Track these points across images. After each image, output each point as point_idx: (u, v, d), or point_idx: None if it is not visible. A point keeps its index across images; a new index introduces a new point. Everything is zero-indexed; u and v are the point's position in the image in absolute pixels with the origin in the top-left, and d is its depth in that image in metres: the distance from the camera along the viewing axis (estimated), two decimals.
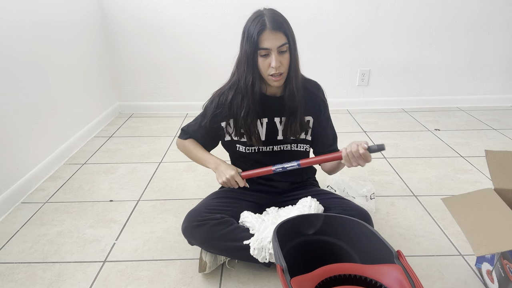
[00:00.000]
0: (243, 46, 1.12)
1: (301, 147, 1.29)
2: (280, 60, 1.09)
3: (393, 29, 2.71)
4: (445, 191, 1.71)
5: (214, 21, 2.66)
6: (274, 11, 1.13)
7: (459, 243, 1.35)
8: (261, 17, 1.09)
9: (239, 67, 1.16)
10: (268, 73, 1.11)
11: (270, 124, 1.24)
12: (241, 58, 1.14)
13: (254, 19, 1.09)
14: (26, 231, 1.47)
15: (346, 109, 2.90)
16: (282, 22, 1.10)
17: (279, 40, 1.08)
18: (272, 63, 1.08)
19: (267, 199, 1.33)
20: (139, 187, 1.79)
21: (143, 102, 2.92)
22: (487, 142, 2.24)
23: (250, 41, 1.08)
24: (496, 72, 2.86)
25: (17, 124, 1.72)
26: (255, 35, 1.07)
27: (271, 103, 1.22)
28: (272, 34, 1.07)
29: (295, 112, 1.21)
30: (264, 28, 1.07)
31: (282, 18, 1.12)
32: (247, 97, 1.16)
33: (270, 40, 1.07)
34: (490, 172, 1.12)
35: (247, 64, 1.12)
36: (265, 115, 1.23)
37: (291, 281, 0.84)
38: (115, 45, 2.73)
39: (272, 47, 1.07)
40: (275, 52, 1.08)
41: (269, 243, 1.11)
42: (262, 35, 1.07)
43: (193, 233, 1.16)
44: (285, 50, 1.10)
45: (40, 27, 1.93)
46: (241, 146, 1.28)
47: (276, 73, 1.10)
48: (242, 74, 1.14)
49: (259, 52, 1.09)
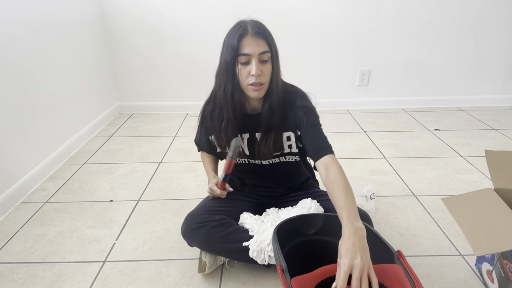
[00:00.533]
0: (222, 56, 1.07)
1: (290, 158, 1.23)
2: (261, 68, 1.03)
3: (393, 29, 2.71)
4: (445, 191, 1.71)
5: (213, 21, 2.66)
6: (258, 21, 1.08)
7: (459, 243, 1.35)
8: (243, 23, 1.04)
9: (218, 78, 1.11)
10: (247, 82, 1.05)
11: (251, 140, 1.20)
12: (221, 69, 1.08)
13: (235, 27, 1.05)
14: (26, 231, 1.47)
15: (346, 109, 2.90)
16: (265, 29, 1.05)
17: (260, 47, 1.02)
18: (252, 70, 1.02)
19: (267, 200, 1.32)
20: (139, 187, 1.79)
21: (143, 102, 2.92)
22: (487, 142, 2.24)
23: (231, 48, 1.03)
24: (496, 72, 2.86)
25: (17, 124, 1.72)
26: (235, 41, 1.01)
27: (251, 120, 1.16)
28: (253, 40, 1.02)
29: (271, 129, 1.14)
30: (246, 33, 1.02)
31: (265, 27, 1.06)
32: (226, 108, 1.11)
33: (251, 45, 1.01)
34: (490, 172, 1.12)
35: (226, 73, 1.06)
36: (245, 130, 1.19)
37: (291, 281, 0.84)
38: (115, 45, 2.73)
39: (253, 53, 1.02)
40: (255, 59, 1.02)
41: (268, 245, 1.10)
42: (243, 40, 1.01)
43: (193, 235, 1.16)
44: (267, 59, 1.04)
45: (40, 28, 1.93)
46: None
47: (256, 82, 1.03)
48: (221, 84, 1.09)
49: (239, 58, 1.02)
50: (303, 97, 1.16)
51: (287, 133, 1.17)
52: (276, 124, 1.14)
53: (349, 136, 2.37)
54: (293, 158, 1.24)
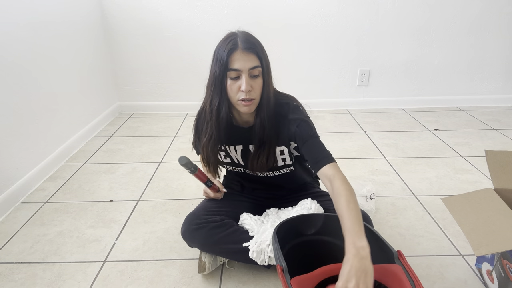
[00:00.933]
0: (212, 68, 1.04)
1: (285, 170, 1.21)
2: (251, 84, 1.00)
3: (393, 29, 2.71)
4: (445, 191, 1.71)
5: (213, 21, 2.66)
6: (248, 33, 1.04)
7: (459, 243, 1.35)
8: (233, 37, 1.01)
9: (207, 90, 1.08)
10: (237, 98, 1.02)
11: (244, 151, 1.18)
12: (209, 81, 1.06)
13: (225, 40, 1.01)
14: (26, 231, 1.47)
15: (346, 109, 2.90)
16: (256, 43, 1.01)
17: (251, 62, 0.99)
18: (242, 86, 0.99)
19: (267, 200, 1.32)
20: (139, 187, 1.79)
21: (143, 102, 2.92)
22: (487, 142, 2.24)
23: (220, 62, 0.99)
24: (496, 72, 2.86)
25: (17, 124, 1.72)
26: (225, 55, 0.98)
27: (245, 132, 1.13)
28: (243, 55, 0.98)
29: (264, 144, 1.11)
30: (236, 48, 0.98)
31: (256, 40, 1.03)
32: (211, 122, 1.08)
33: (241, 60, 0.98)
34: (490, 172, 1.12)
35: (214, 86, 1.03)
36: (237, 142, 1.17)
37: (291, 281, 0.84)
38: (115, 45, 2.73)
39: (243, 69, 0.98)
40: (246, 74, 0.99)
41: (268, 246, 1.10)
42: (232, 55, 0.98)
43: (193, 236, 1.16)
44: (258, 74, 1.01)
45: (40, 27, 1.93)
46: (228, 166, 1.26)
47: (247, 98, 1.00)
48: (208, 98, 1.07)
49: (229, 73, 1.00)
50: (295, 109, 1.12)
51: (280, 147, 1.14)
52: (268, 139, 1.10)
53: (349, 136, 2.37)
54: (288, 170, 1.22)
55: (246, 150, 1.17)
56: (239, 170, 1.26)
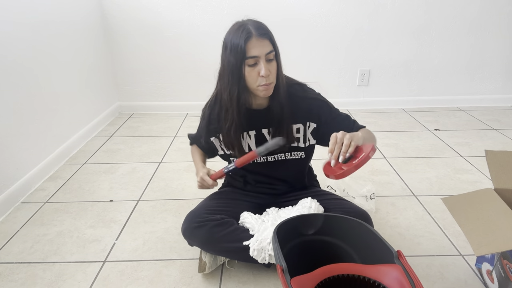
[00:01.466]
0: (225, 57, 1.07)
1: (296, 155, 1.25)
2: (268, 68, 1.05)
3: (393, 29, 2.71)
4: (445, 191, 1.71)
5: (213, 21, 2.66)
6: (257, 20, 1.09)
7: (459, 243, 1.35)
8: (245, 26, 1.04)
9: (222, 80, 1.11)
10: (257, 84, 1.06)
11: (258, 136, 1.21)
12: (224, 70, 1.09)
13: (237, 29, 1.04)
14: (26, 231, 1.47)
15: (346, 109, 2.90)
16: (267, 29, 1.07)
17: (266, 47, 1.04)
18: (261, 71, 1.03)
19: (267, 199, 1.32)
20: (139, 187, 1.79)
21: (143, 102, 2.92)
22: (487, 142, 2.24)
23: (235, 51, 1.03)
24: (496, 72, 2.86)
25: (17, 124, 1.72)
26: (242, 44, 1.01)
27: (258, 116, 1.17)
28: (259, 41, 1.03)
29: (281, 123, 1.16)
30: (251, 36, 1.02)
31: (265, 26, 1.08)
32: (231, 110, 1.11)
33: (257, 47, 1.02)
34: (490, 172, 1.12)
35: (231, 76, 1.06)
36: (252, 127, 1.20)
37: (291, 281, 0.84)
38: (115, 45, 2.73)
39: (261, 55, 1.03)
40: (263, 60, 1.03)
41: (269, 244, 1.10)
42: (249, 43, 1.02)
43: (193, 234, 1.16)
44: (272, 58, 1.06)
45: (40, 27, 1.93)
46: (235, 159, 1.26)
47: (266, 82, 1.05)
48: (226, 87, 1.09)
49: (247, 61, 1.03)
50: (309, 89, 1.22)
51: (297, 125, 1.20)
52: (286, 117, 1.16)
53: None
54: (298, 155, 1.25)
55: (259, 135, 1.21)
56: None
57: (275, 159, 1.25)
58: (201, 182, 1.22)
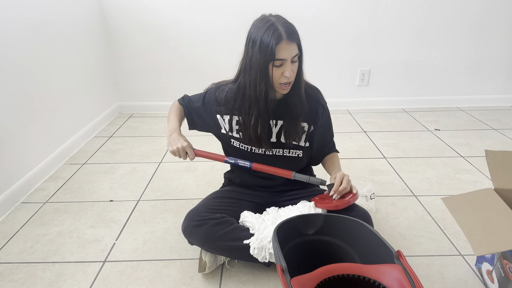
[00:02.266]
0: (253, 54, 1.09)
1: (293, 153, 1.27)
2: (292, 69, 1.10)
3: (393, 29, 2.71)
4: (445, 191, 1.71)
5: (213, 21, 2.66)
6: (284, 19, 1.13)
7: (459, 243, 1.35)
8: (275, 26, 1.07)
9: (247, 73, 1.13)
10: (279, 82, 1.11)
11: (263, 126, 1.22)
12: (251, 65, 1.10)
13: (268, 28, 1.07)
14: (26, 231, 1.47)
15: (346, 109, 2.90)
16: (296, 31, 1.11)
17: (294, 51, 1.09)
18: (285, 72, 1.08)
19: (267, 199, 1.33)
20: (139, 187, 1.79)
21: (143, 102, 2.92)
22: (487, 142, 2.24)
23: (264, 51, 1.06)
24: (496, 72, 2.86)
25: (17, 124, 1.72)
26: (273, 46, 1.04)
27: (270, 105, 1.20)
28: (288, 45, 1.07)
29: (297, 117, 1.20)
30: (281, 40, 1.05)
31: (294, 27, 1.12)
32: (257, 105, 1.14)
33: (286, 50, 1.07)
34: (490, 172, 1.12)
35: (259, 73, 1.09)
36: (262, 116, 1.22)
37: (291, 281, 0.84)
38: (115, 45, 2.73)
39: (288, 58, 1.08)
40: (289, 62, 1.08)
41: (269, 242, 1.11)
42: (279, 46, 1.05)
43: (193, 232, 1.17)
44: (296, 60, 1.12)
45: (40, 28, 1.93)
46: (235, 141, 1.28)
47: (288, 81, 1.11)
48: (253, 82, 1.11)
49: (275, 62, 1.07)
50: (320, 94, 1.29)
51: (303, 123, 1.24)
52: (301, 114, 1.20)
53: (349, 136, 2.37)
54: (296, 153, 1.27)
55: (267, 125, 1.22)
56: (245, 148, 1.26)
57: (273, 154, 1.26)
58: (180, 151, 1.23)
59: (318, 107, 1.25)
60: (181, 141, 1.24)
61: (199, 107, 1.31)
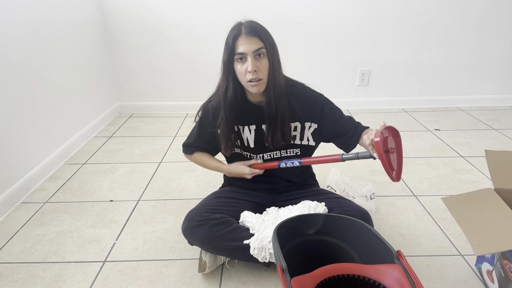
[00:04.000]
0: (223, 56, 1.13)
1: (291, 152, 1.28)
2: (256, 65, 1.08)
3: (393, 29, 2.71)
4: (445, 191, 1.71)
5: (213, 21, 2.66)
6: (252, 20, 1.14)
7: (459, 243, 1.35)
8: (239, 25, 1.11)
9: (221, 76, 1.17)
10: (246, 79, 1.10)
11: (258, 131, 1.24)
12: (223, 67, 1.15)
13: (232, 28, 1.12)
14: (26, 231, 1.47)
15: (346, 109, 2.90)
16: (258, 28, 1.10)
17: (254, 45, 1.08)
18: (248, 67, 1.08)
19: (267, 199, 1.33)
20: (139, 187, 1.79)
21: (143, 102, 2.92)
22: (487, 142, 2.24)
23: (227, 48, 1.10)
24: (496, 72, 2.86)
25: (17, 124, 1.72)
26: (231, 41, 1.09)
27: (258, 111, 1.20)
28: (247, 39, 1.08)
29: (276, 120, 1.18)
30: (240, 34, 1.09)
31: (258, 25, 1.12)
32: (223, 105, 1.17)
33: (245, 44, 1.08)
34: (490, 172, 1.12)
35: (223, 71, 1.14)
36: (252, 122, 1.23)
37: (291, 281, 0.84)
38: (115, 45, 2.73)
39: (247, 51, 1.08)
40: (251, 56, 1.08)
41: (269, 242, 1.11)
42: (237, 40, 1.08)
43: (193, 233, 1.17)
44: (262, 55, 1.10)
45: (40, 28, 1.93)
46: (235, 149, 1.29)
47: (254, 78, 1.09)
48: (222, 83, 1.16)
49: (235, 57, 1.09)
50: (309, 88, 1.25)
51: (294, 123, 1.23)
52: (280, 115, 1.17)
53: None
54: (293, 152, 1.27)
55: (259, 130, 1.23)
56: (245, 154, 1.29)
57: (270, 157, 1.28)
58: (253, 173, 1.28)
59: (314, 104, 1.23)
60: (241, 169, 1.29)
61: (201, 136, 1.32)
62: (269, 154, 1.27)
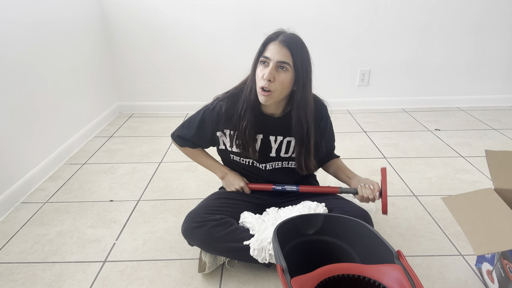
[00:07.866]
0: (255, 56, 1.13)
1: (292, 164, 1.27)
2: (274, 75, 1.05)
3: (393, 28, 2.71)
4: (445, 191, 1.71)
5: (214, 21, 2.66)
6: (295, 34, 1.12)
7: (459, 243, 1.35)
8: (278, 32, 1.10)
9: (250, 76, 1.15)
10: (259, 85, 1.08)
11: (264, 141, 1.23)
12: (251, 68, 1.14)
13: (271, 33, 1.10)
14: (26, 231, 1.47)
15: (346, 109, 2.90)
16: (295, 42, 1.08)
17: (282, 55, 1.05)
18: (265, 74, 1.05)
19: (267, 199, 1.33)
20: (139, 187, 1.79)
21: (143, 102, 2.92)
22: (487, 142, 2.24)
23: (259, 49, 1.10)
24: (496, 72, 2.86)
25: (17, 124, 1.72)
26: (265, 43, 1.08)
27: (268, 121, 1.20)
28: (278, 47, 1.05)
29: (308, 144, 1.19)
30: (274, 39, 1.07)
31: (297, 40, 1.09)
32: (249, 109, 1.14)
33: (273, 51, 1.06)
34: (490, 172, 1.12)
35: (252, 72, 1.12)
36: (261, 131, 1.21)
37: (291, 281, 0.84)
38: (115, 45, 2.73)
39: (272, 58, 1.05)
40: (273, 64, 1.05)
41: (269, 244, 1.10)
42: (269, 45, 1.07)
43: (193, 234, 1.16)
44: (286, 69, 1.06)
45: (40, 27, 1.93)
46: (235, 156, 1.28)
47: (266, 86, 1.06)
48: (249, 84, 1.14)
49: (260, 59, 1.08)
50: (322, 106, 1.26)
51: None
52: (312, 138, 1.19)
53: (349, 136, 2.37)
54: (293, 164, 1.27)
55: (266, 140, 1.22)
56: (247, 162, 1.28)
57: (272, 167, 1.28)
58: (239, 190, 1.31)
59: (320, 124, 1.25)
60: (237, 182, 1.31)
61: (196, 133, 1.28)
62: (271, 165, 1.27)
